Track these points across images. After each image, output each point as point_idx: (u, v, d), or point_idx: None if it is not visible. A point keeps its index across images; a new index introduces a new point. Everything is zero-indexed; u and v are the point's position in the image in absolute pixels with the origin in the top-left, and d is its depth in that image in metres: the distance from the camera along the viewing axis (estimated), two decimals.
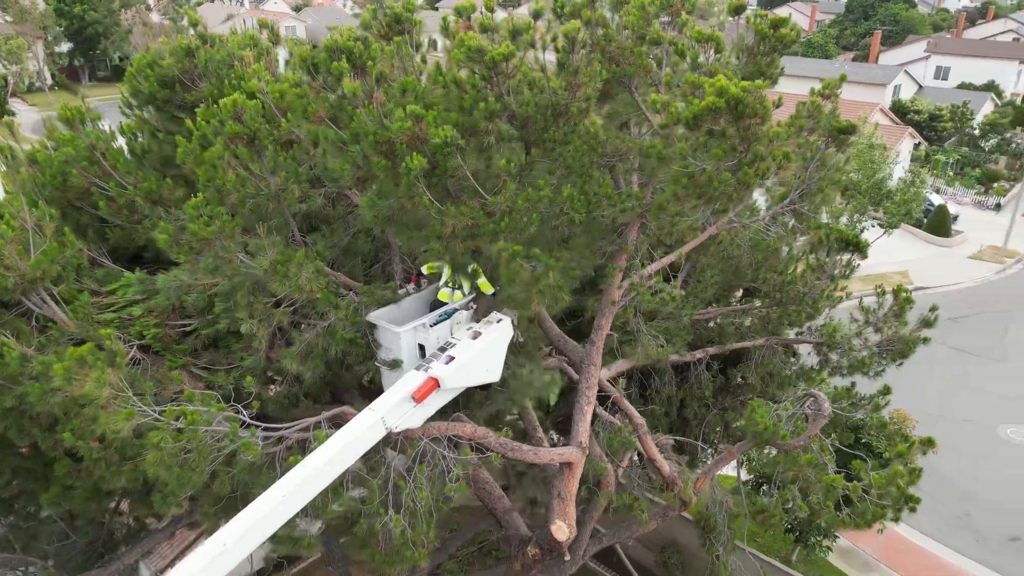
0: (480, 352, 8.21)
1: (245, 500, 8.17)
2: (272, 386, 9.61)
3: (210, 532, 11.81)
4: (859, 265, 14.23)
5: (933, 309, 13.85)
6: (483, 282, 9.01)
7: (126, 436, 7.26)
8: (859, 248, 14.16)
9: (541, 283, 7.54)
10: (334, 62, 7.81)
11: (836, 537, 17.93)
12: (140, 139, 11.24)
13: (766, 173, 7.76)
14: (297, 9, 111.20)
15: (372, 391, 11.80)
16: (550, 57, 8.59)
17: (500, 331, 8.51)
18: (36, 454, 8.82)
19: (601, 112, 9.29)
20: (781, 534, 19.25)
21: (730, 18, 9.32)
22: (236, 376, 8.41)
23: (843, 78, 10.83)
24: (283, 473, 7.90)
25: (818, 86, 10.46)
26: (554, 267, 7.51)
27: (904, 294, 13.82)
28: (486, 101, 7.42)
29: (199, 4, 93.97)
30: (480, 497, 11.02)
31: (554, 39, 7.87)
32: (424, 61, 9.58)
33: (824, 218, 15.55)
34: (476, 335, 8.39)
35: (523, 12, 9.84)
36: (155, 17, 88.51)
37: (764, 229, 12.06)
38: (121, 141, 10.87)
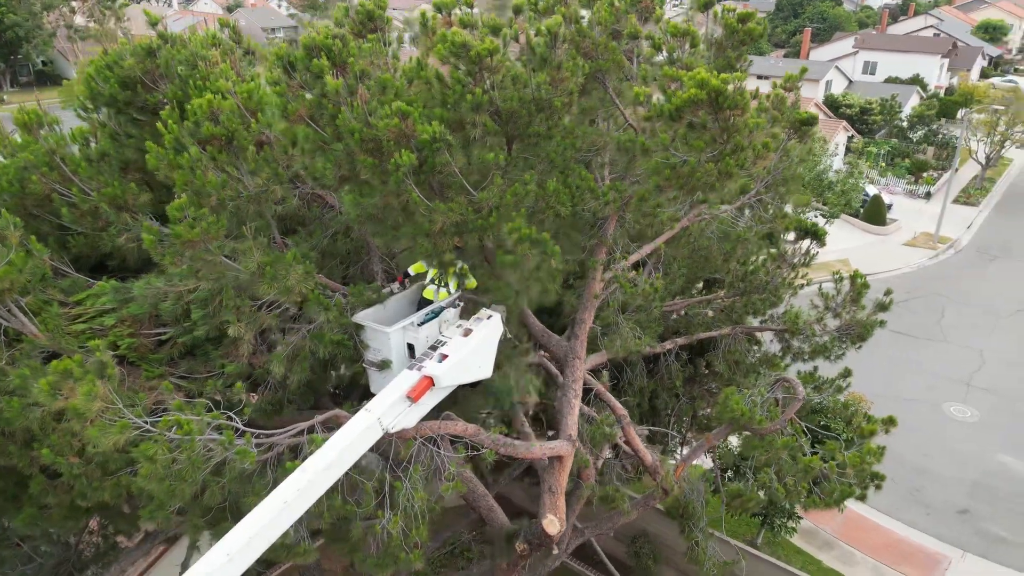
0: (473, 349, 8.18)
1: (235, 510, 7.98)
2: (252, 393, 9.38)
3: (192, 544, 11.46)
4: (817, 253, 14.70)
5: (888, 293, 14.41)
6: (444, 291, 9.02)
7: (108, 450, 7.00)
8: (817, 236, 14.63)
9: (542, 269, 7.55)
10: (314, 60, 7.68)
11: (800, 518, 18.44)
12: (94, 144, 10.83)
13: (745, 163, 7.93)
14: (229, 10, 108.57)
15: (341, 397, 11.67)
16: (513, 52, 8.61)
17: (491, 327, 8.50)
18: (7, 473, 8.42)
19: (573, 109, 9.34)
20: (747, 518, 19.73)
21: (699, 14, 9.49)
22: (220, 384, 8.18)
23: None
24: (275, 480, 7.75)
25: (756, 82, 10.76)
26: (555, 252, 7.52)
27: (860, 280, 14.31)
28: (473, 94, 7.39)
29: (125, 6, 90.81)
30: (464, 496, 10.96)
31: (538, 33, 7.88)
32: (396, 58, 9.50)
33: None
34: (467, 332, 8.36)
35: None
36: (79, 20, 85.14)
37: (732, 220, 12.36)
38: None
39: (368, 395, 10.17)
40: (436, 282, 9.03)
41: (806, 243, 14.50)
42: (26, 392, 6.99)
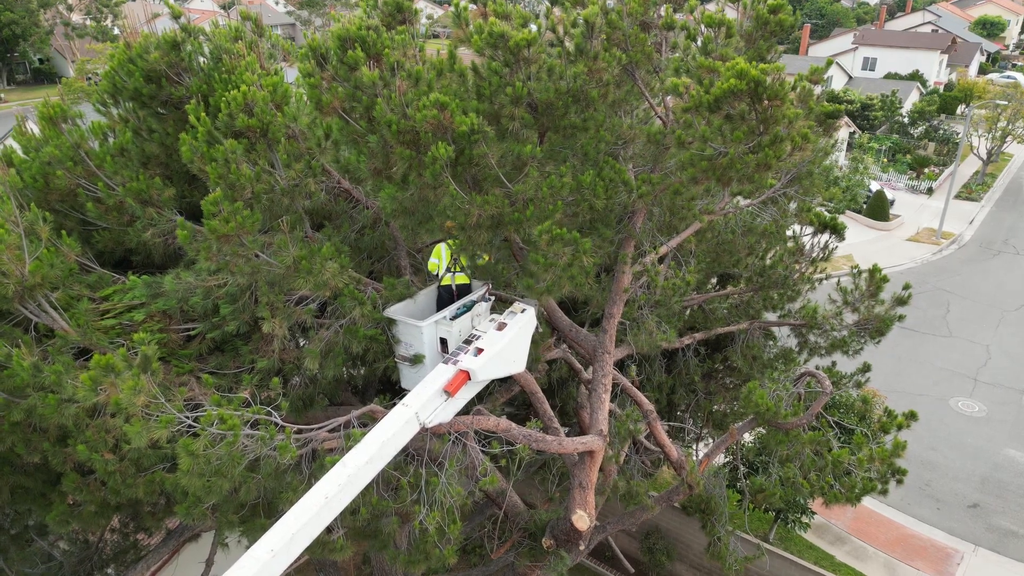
0: (508, 343, 8.11)
1: (268, 505, 7.92)
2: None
3: (220, 541, 11.37)
4: (836, 247, 14.65)
5: (906, 287, 14.38)
6: (461, 275, 8.99)
7: (143, 446, 6.92)
8: (836, 230, 14.58)
9: (574, 267, 7.49)
10: (348, 51, 7.60)
11: (814, 514, 18.43)
12: (112, 139, 10.73)
13: (783, 154, 7.87)
14: (225, 8, 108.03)
15: (360, 393, 11.59)
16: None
17: (525, 321, 8.44)
18: (36, 471, 8.33)
19: (608, 100, 9.27)
20: (759, 513, 19.71)
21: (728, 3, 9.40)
22: (256, 379, 8.10)
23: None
24: (311, 476, 7.68)
25: None
26: (588, 250, 7.46)
27: (879, 274, 14.28)
28: (512, 87, 7.32)
29: (120, 3, 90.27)
30: (486, 491, 10.89)
31: (574, 25, 7.81)
32: (422, 50, 9.41)
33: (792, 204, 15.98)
34: (501, 326, 8.29)
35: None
36: (76, 18, 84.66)
37: (754, 213, 12.31)
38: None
39: (386, 389, 10.12)
40: (452, 269, 8.98)
41: (824, 237, 14.44)
42: (61, 388, 6.91)
